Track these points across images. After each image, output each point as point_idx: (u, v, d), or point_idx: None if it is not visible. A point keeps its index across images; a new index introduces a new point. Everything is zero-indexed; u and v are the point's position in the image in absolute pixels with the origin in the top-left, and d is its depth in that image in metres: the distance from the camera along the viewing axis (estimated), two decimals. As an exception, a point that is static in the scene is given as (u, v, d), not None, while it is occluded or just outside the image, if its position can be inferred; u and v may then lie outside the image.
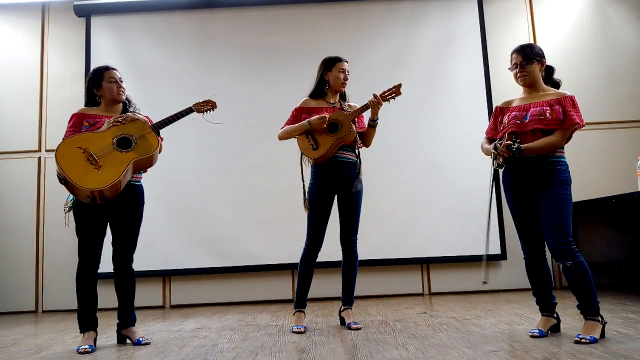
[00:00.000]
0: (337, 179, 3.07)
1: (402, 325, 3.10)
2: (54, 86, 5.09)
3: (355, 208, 3.10)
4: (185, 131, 4.36)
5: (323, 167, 3.07)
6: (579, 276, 2.43)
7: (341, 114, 3.03)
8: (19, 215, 4.91)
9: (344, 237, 3.14)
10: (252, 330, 3.21)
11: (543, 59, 2.64)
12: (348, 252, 3.13)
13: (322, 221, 3.06)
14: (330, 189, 3.08)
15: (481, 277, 4.73)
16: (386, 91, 3.05)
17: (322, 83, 3.16)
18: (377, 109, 3.04)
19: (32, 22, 5.18)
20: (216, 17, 5.12)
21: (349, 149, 3.09)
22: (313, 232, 3.06)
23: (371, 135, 3.16)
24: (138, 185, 2.94)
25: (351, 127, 2.99)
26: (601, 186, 4.72)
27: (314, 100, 3.16)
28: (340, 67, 3.12)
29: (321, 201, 3.06)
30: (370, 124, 3.11)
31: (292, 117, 3.16)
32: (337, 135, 2.99)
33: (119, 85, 2.91)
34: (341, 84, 3.14)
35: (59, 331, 3.52)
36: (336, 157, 3.04)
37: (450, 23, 5.02)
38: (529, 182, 2.58)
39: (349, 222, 3.12)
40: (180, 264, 4.74)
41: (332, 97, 3.18)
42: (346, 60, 3.17)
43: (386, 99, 3.05)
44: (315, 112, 3.09)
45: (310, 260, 3.09)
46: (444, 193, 4.78)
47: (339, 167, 3.06)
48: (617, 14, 5.08)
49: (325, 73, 3.15)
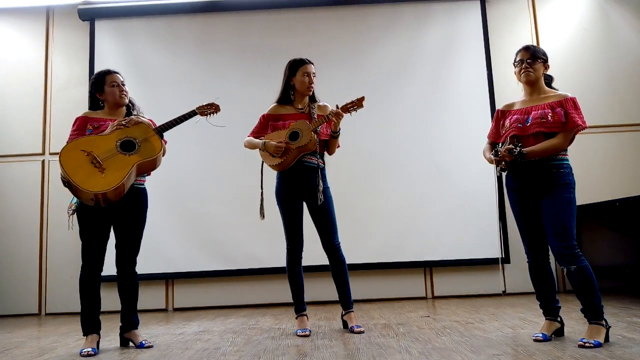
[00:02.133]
0: (302, 184, 3.08)
1: (405, 328, 3.09)
2: (58, 89, 5.11)
3: (327, 213, 3.08)
4: (189, 134, 4.37)
5: (288, 172, 3.08)
6: (583, 280, 2.42)
7: (304, 123, 3.01)
8: (23, 217, 4.92)
9: (324, 243, 3.11)
10: (255, 333, 3.20)
11: (547, 62, 2.64)
12: (333, 257, 3.11)
13: (296, 222, 3.08)
14: (296, 192, 3.09)
15: (484, 280, 4.72)
16: (348, 103, 3.04)
17: (288, 88, 3.16)
18: (338, 120, 3.03)
19: (37, 25, 5.20)
20: (219, 21, 5.13)
21: (316, 155, 3.08)
22: (290, 235, 3.08)
23: (333, 145, 3.15)
24: (142, 188, 2.95)
25: (311, 136, 2.97)
26: (605, 189, 4.70)
27: (282, 107, 3.18)
28: (305, 71, 3.10)
29: (290, 204, 3.07)
30: (332, 135, 3.10)
31: (259, 124, 3.20)
32: (297, 144, 2.99)
33: (121, 89, 2.92)
34: (307, 88, 3.11)
35: (62, 334, 3.52)
36: (302, 162, 3.06)
37: (453, 26, 5.02)
38: (533, 185, 2.57)
39: (325, 228, 3.09)
40: (183, 267, 4.74)
41: (300, 102, 3.18)
42: (311, 62, 3.14)
43: (348, 111, 3.03)
44: (283, 119, 3.11)
45: (295, 264, 3.10)
46: (447, 195, 4.77)
47: (304, 171, 3.07)
48: (620, 17, 5.08)
49: (290, 78, 3.14)
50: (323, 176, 3.11)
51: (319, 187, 3.04)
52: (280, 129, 3.09)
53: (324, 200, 3.05)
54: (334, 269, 3.13)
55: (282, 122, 3.11)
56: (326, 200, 3.07)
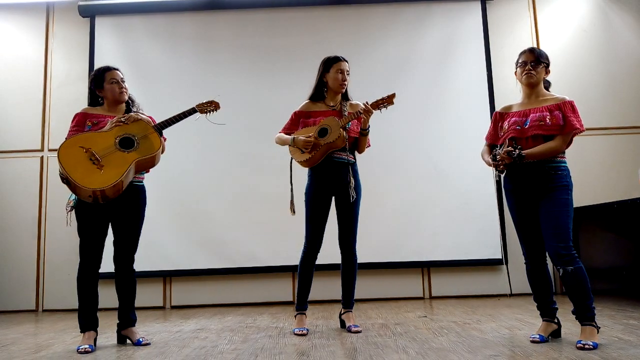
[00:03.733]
0: (333, 180, 3.06)
1: (403, 328, 3.10)
2: (58, 86, 5.10)
3: (353, 211, 3.09)
4: (188, 132, 4.36)
5: (318, 169, 3.07)
6: (578, 282, 2.42)
7: (332, 120, 3.01)
8: (21, 214, 4.91)
9: (342, 240, 3.12)
10: (252, 332, 3.20)
11: (549, 67, 2.65)
12: (348, 255, 3.12)
13: (320, 223, 3.06)
14: (326, 190, 3.07)
15: (481, 281, 4.73)
16: (379, 100, 3.03)
17: (322, 85, 3.16)
18: (367, 117, 3.02)
19: (37, 22, 5.19)
20: (219, 19, 5.13)
21: (346, 151, 3.07)
22: (311, 235, 3.06)
23: (363, 143, 3.13)
24: (140, 185, 2.94)
25: (339, 133, 2.96)
26: (603, 192, 4.70)
27: (314, 104, 3.17)
28: (339, 68, 3.10)
29: (318, 203, 3.06)
30: (361, 132, 3.09)
31: (290, 121, 3.19)
32: (325, 140, 2.98)
33: (120, 85, 2.91)
34: (340, 85, 3.11)
35: (59, 330, 3.52)
36: (332, 158, 3.04)
37: (453, 26, 5.03)
38: (530, 187, 2.58)
39: (347, 226, 3.10)
40: (181, 264, 4.74)
41: (332, 99, 3.17)
42: (346, 60, 3.14)
43: (377, 108, 3.02)
44: (314, 116, 3.10)
45: (310, 263, 3.09)
46: (446, 196, 4.77)
47: (335, 168, 3.05)
48: (620, 19, 5.08)
49: (324, 75, 3.14)
50: (355, 172, 3.09)
51: (350, 183, 3.02)
52: (311, 125, 3.07)
53: (355, 198, 3.03)
54: (345, 268, 3.12)
55: (312, 118, 3.09)
56: (357, 198, 3.06)
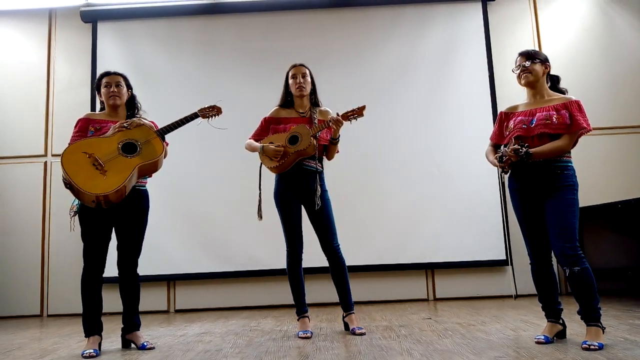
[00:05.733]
0: (299, 187, 3.09)
1: (407, 330, 3.09)
2: (60, 91, 5.12)
3: (325, 216, 3.10)
4: (190, 136, 4.38)
5: (286, 174, 3.10)
6: (585, 282, 2.41)
7: (303, 127, 3.05)
8: (25, 219, 4.93)
9: (323, 246, 3.12)
10: (257, 335, 3.20)
11: (547, 62, 2.66)
12: (333, 259, 3.11)
13: (295, 225, 3.10)
14: (293, 195, 3.11)
15: (485, 283, 4.72)
16: (349, 111, 3.07)
17: (288, 92, 3.23)
18: (338, 127, 3.07)
19: (39, 27, 5.22)
20: (220, 23, 5.15)
21: (315, 159, 3.10)
22: (289, 238, 3.10)
23: (332, 151, 3.19)
24: (143, 190, 2.95)
25: (310, 141, 3.00)
26: (607, 191, 4.69)
27: (285, 110, 3.23)
28: (293, 73, 3.19)
29: (287, 206, 3.09)
30: (331, 141, 3.14)
31: (260, 127, 3.24)
32: (295, 148, 3.01)
33: (109, 90, 2.90)
34: (297, 89, 3.16)
35: (64, 335, 3.53)
36: (301, 165, 3.08)
37: (455, 28, 5.03)
38: (536, 186, 2.57)
39: (323, 231, 3.10)
40: (185, 268, 4.74)
41: (301, 106, 3.21)
42: (302, 64, 3.20)
43: (348, 119, 3.07)
44: (284, 122, 3.15)
45: (295, 266, 3.11)
46: (449, 197, 4.77)
47: (302, 175, 3.08)
48: (622, 18, 5.07)
49: (287, 82, 3.22)
50: (321, 180, 3.12)
51: (316, 191, 3.05)
52: (281, 132, 3.11)
53: (322, 204, 3.06)
54: (334, 272, 3.13)
55: (282, 125, 3.15)
56: (324, 204, 3.08)
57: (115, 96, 2.91)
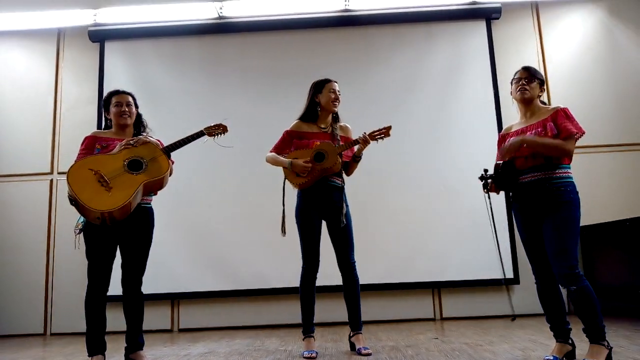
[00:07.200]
0: (323, 203, 3.08)
1: (414, 351, 3.04)
2: (68, 109, 5.17)
3: (347, 232, 3.10)
4: (196, 154, 4.38)
5: (309, 190, 3.09)
6: (583, 300, 2.38)
7: (330, 145, 3.05)
8: (30, 237, 4.93)
9: (341, 261, 3.11)
10: (261, 355, 3.16)
11: (543, 85, 2.70)
12: (348, 276, 3.10)
13: (314, 242, 3.07)
14: (317, 212, 3.09)
15: (493, 302, 4.65)
16: (375, 131, 3.10)
17: (314, 105, 3.20)
18: (364, 146, 3.09)
19: (48, 47, 5.29)
20: (226, 42, 5.20)
21: (339, 175, 3.12)
22: (307, 255, 3.07)
23: (353, 168, 3.22)
24: (148, 207, 2.95)
25: (337, 160, 3.02)
26: (614, 209, 4.65)
27: (306, 124, 3.20)
28: (331, 88, 3.18)
29: (309, 223, 3.07)
30: (354, 159, 3.16)
31: (282, 140, 3.21)
32: (322, 166, 3.01)
33: (121, 109, 2.93)
34: (332, 104, 3.16)
35: (67, 354, 3.50)
36: (326, 181, 3.08)
37: (459, 46, 5.06)
38: (534, 205, 2.56)
39: (343, 247, 3.10)
40: (189, 287, 4.71)
41: (324, 121, 3.21)
42: (335, 80, 3.22)
43: (375, 139, 3.09)
44: (307, 137, 3.13)
45: (310, 283, 3.07)
46: (456, 215, 4.74)
47: (327, 190, 3.08)
48: (625, 36, 5.09)
49: (316, 96, 3.19)
50: (345, 197, 3.13)
51: (342, 208, 3.05)
52: (304, 147, 3.10)
53: (345, 224, 3.06)
54: (347, 288, 3.10)
55: (306, 140, 3.13)
56: (346, 220, 3.08)
57: (127, 116, 2.94)
